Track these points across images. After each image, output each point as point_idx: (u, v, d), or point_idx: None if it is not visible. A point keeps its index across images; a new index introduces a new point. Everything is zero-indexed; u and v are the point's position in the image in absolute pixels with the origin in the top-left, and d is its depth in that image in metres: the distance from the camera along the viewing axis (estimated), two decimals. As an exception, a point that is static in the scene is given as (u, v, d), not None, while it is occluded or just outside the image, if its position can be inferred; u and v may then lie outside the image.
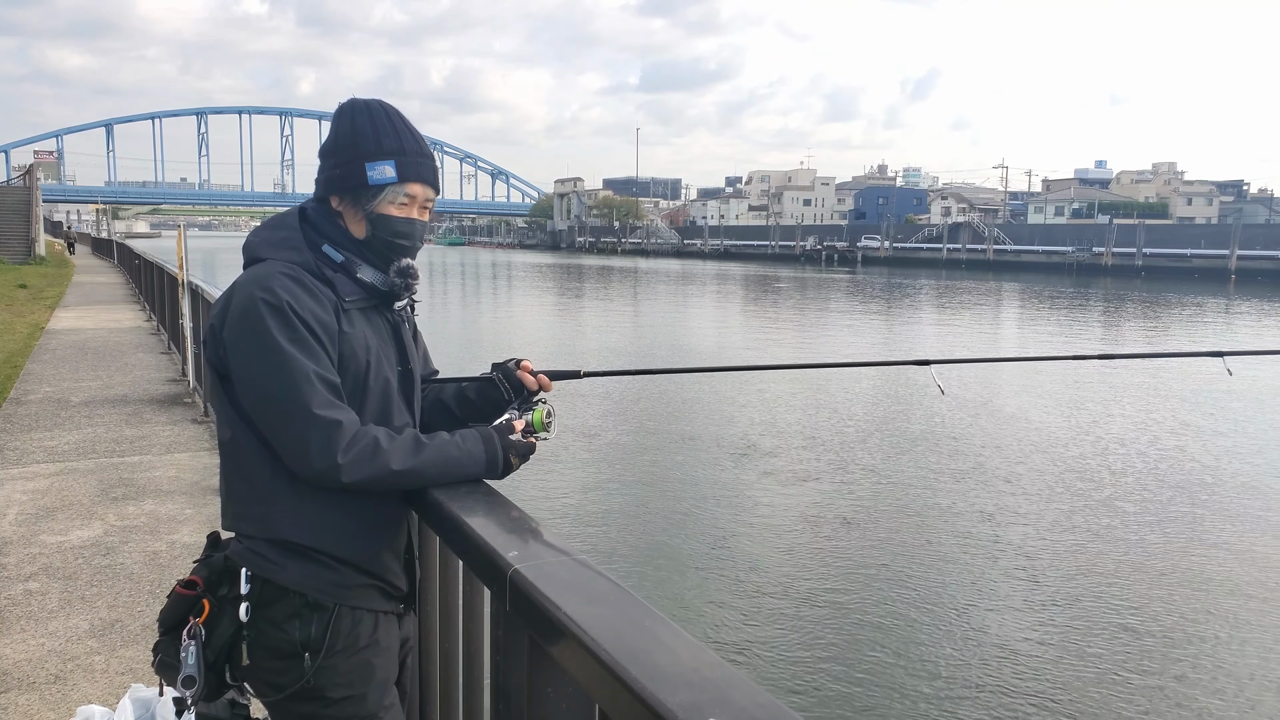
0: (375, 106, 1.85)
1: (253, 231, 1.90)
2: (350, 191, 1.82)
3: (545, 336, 27.23)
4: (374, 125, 1.81)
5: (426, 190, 1.86)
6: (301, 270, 1.77)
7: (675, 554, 8.65)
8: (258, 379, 1.68)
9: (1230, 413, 15.55)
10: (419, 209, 1.86)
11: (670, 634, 1.17)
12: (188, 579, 1.80)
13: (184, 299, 8.92)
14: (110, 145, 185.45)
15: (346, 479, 1.65)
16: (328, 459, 1.64)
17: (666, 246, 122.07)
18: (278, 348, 1.66)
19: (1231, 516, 10.04)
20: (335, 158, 1.83)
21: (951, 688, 6.23)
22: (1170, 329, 31.57)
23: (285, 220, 1.88)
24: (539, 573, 1.36)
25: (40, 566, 4.57)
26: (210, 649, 1.74)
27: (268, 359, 1.66)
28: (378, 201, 1.81)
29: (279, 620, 1.74)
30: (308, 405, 1.64)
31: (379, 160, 1.79)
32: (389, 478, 1.68)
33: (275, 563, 1.75)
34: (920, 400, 16.06)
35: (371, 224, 1.82)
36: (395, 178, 1.80)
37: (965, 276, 67.32)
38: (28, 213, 35.69)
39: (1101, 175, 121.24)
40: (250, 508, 1.79)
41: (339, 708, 1.76)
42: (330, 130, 1.87)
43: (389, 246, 1.84)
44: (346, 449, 1.64)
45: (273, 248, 1.82)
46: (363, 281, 1.83)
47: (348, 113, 1.84)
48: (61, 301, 19.75)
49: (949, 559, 8.60)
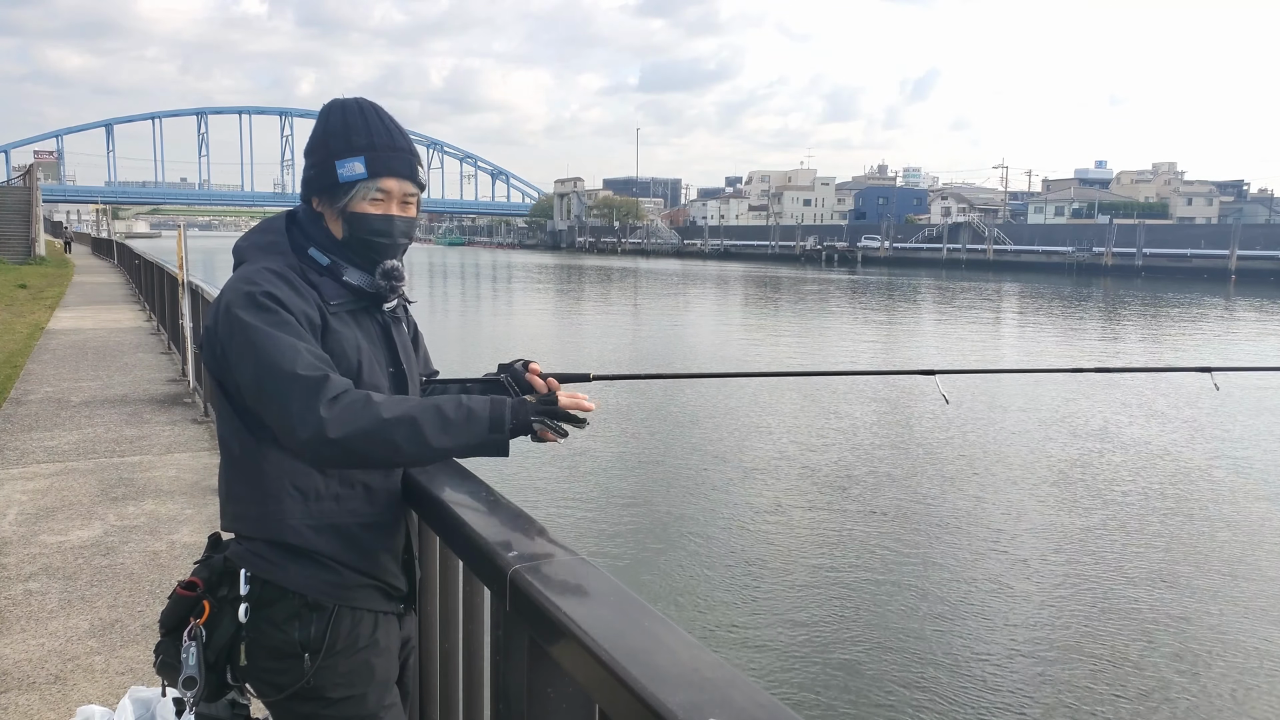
0: (351, 104, 1.84)
1: (242, 236, 1.92)
2: (325, 191, 1.82)
3: (546, 338, 27.22)
4: (345, 123, 1.80)
5: (403, 185, 1.82)
6: (287, 270, 1.78)
7: (676, 554, 8.65)
8: (245, 363, 1.67)
9: (1238, 420, 15.55)
10: (398, 205, 1.83)
11: (670, 634, 1.17)
12: (188, 580, 1.80)
13: (184, 299, 8.91)
14: (110, 145, 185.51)
15: (333, 433, 1.56)
16: (313, 415, 1.57)
17: (666, 247, 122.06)
18: (260, 330, 1.66)
19: (1233, 524, 10.05)
20: (311, 158, 1.84)
21: (952, 689, 6.23)
22: (1170, 331, 31.57)
23: (272, 225, 1.89)
24: (539, 573, 1.36)
25: (40, 566, 4.57)
26: (211, 650, 1.74)
27: (253, 341, 1.65)
28: (350, 199, 1.79)
29: (279, 621, 1.74)
30: (291, 369, 1.61)
31: (348, 157, 1.78)
32: (380, 428, 1.57)
33: (275, 564, 1.75)
34: (922, 406, 16.06)
35: (347, 223, 1.81)
36: (365, 174, 1.77)
37: (965, 276, 67.31)
38: (28, 213, 35.67)
39: (1101, 175, 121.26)
40: (250, 508, 1.79)
41: (339, 708, 1.76)
42: (310, 132, 1.88)
43: (367, 245, 1.82)
44: (332, 403, 1.58)
45: (259, 251, 1.83)
46: (349, 284, 1.82)
47: (325, 113, 1.84)
48: (62, 301, 19.74)
49: (951, 563, 8.60)
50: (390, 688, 1.84)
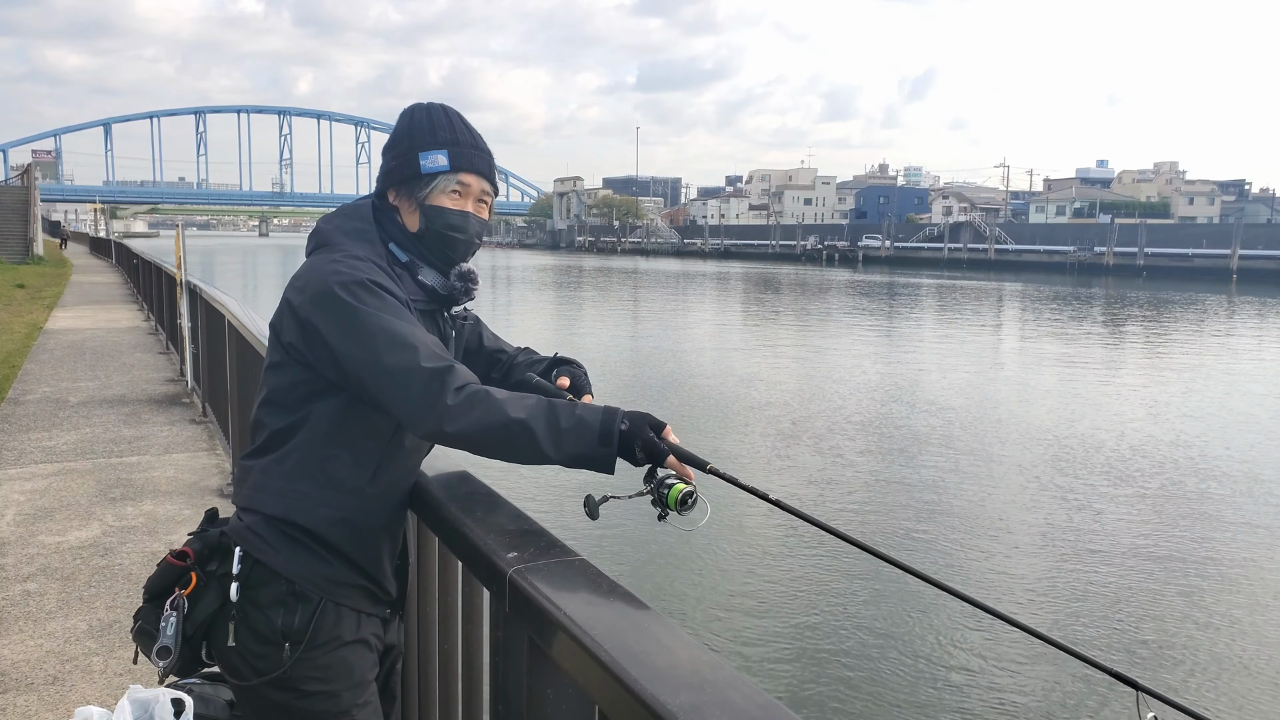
0: (436, 107, 1.88)
1: (324, 218, 1.91)
2: (405, 182, 1.83)
3: (547, 343, 27.21)
4: (430, 120, 1.84)
5: (481, 182, 1.85)
6: (380, 259, 1.79)
7: (676, 555, 8.65)
8: (356, 346, 1.65)
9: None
10: (474, 203, 1.85)
11: (670, 634, 1.17)
12: (179, 549, 1.80)
13: (182, 299, 8.89)
14: (108, 145, 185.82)
15: (453, 427, 1.57)
16: (440, 404, 1.58)
17: (667, 246, 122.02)
18: (373, 314, 1.65)
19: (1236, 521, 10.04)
20: (392, 151, 1.86)
21: (953, 689, 6.22)
22: (1172, 330, 31.57)
23: (360, 211, 1.88)
24: (538, 574, 1.35)
25: (38, 567, 4.56)
26: (190, 623, 1.73)
27: (368, 325, 1.64)
28: (430, 191, 1.81)
29: (263, 604, 1.74)
30: (414, 357, 1.61)
31: (432, 150, 1.80)
32: (502, 427, 1.56)
33: (271, 546, 1.75)
34: (923, 405, 16.05)
35: (424, 215, 1.82)
36: (447, 166, 1.80)
37: (966, 276, 67.33)
38: (25, 212, 35.64)
39: (1103, 175, 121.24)
40: (273, 480, 1.78)
41: (311, 701, 1.76)
42: (392, 131, 1.91)
43: (442, 240, 1.83)
44: (457, 393, 1.58)
45: (347, 236, 1.83)
46: (424, 284, 1.84)
47: (408, 113, 1.87)
48: (59, 301, 19.73)
49: (952, 562, 8.60)
50: (366, 688, 1.83)
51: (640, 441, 1.58)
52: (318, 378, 1.75)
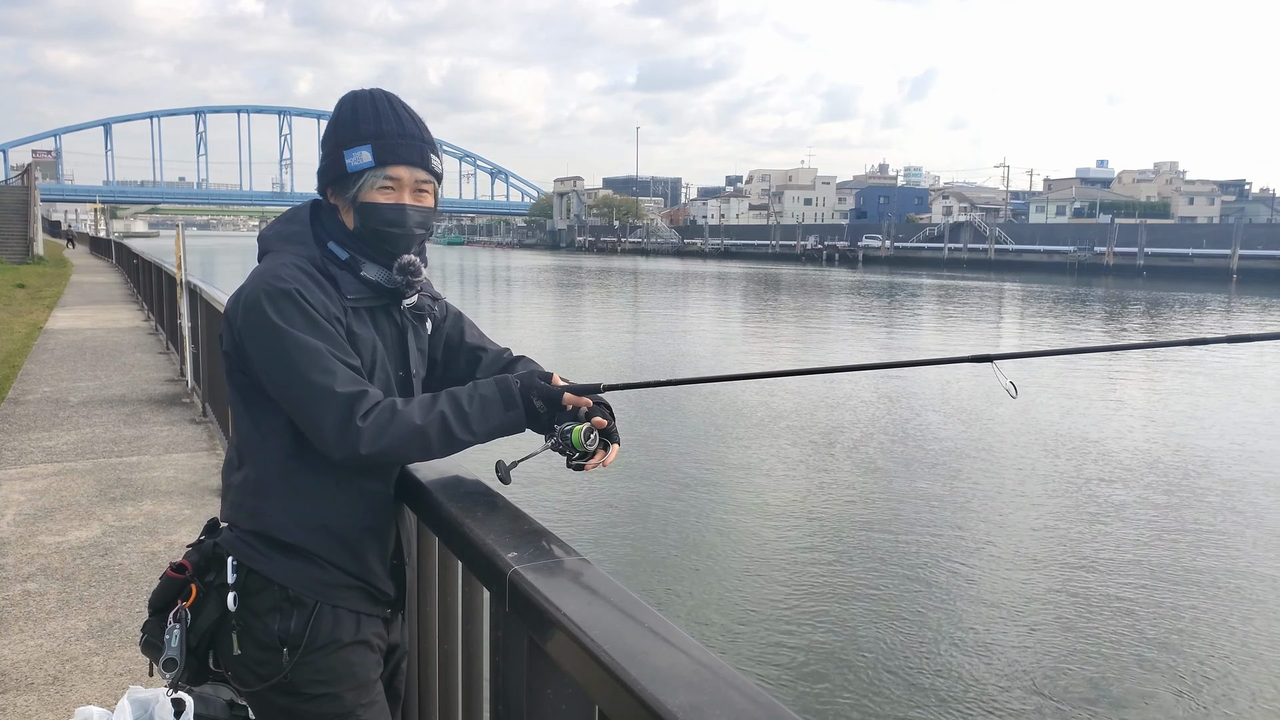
0: (363, 95, 1.82)
1: (268, 225, 1.91)
2: (335, 182, 1.81)
3: (547, 344, 27.20)
4: (355, 112, 1.78)
5: (414, 172, 1.78)
6: (308, 263, 1.76)
7: (676, 555, 8.65)
8: (275, 365, 1.68)
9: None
10: (410, 193, 1.79)
11: (670, 634, 1.17)
12: (178, 562, 1.82)
13: (182, 299, 8.89)
14: (108, 145, 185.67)
15: (367, 448, 1.61)
16: (350, 430, 1.61)
17: (667, 246, 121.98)
18: (290, 333, 1.66)
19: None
20: (323, 149, 1.83)
21: (954, 689, 6.22)
22: (1172, 332, 31.55)
23: (298, 214, 1.88)
24: (538, 574, 1.35)
25: (39, 567, 4.56)
26: (193, 633, 1.75)
27: (283, 343, 1.66)
28: (360, 189, 1.77)
29: (260, 611, 1.75)
30: (325, 383, 1.63)
31: (356, 146, 1.76)
32: (411, 435, 1.64)
33: (261, 554, 1.76)
34: (924, 404, 16.06)
35: (359, 213, 1.79)
36: (372, 162, 1.75)
37: (966, 276, 67.31)
38: (26, 212, 35.66)
39: (1103, 175, 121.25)
40: (246, 499, 1.80)
41: (316, 704, 1.76)
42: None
43: (379, 236, 1.79)
44: (364, 416, 1.62)
45: (283, 241, 1.82)
46: (367, 280, 1.81)
47: (338, 104, 1.84)
48: (60, 301, 19.73)
49: (954, 563, 8.59)
50: (370, 688, 1.83)
51: (535, 391, 1.72)
52: (261, 386, 1.75)
